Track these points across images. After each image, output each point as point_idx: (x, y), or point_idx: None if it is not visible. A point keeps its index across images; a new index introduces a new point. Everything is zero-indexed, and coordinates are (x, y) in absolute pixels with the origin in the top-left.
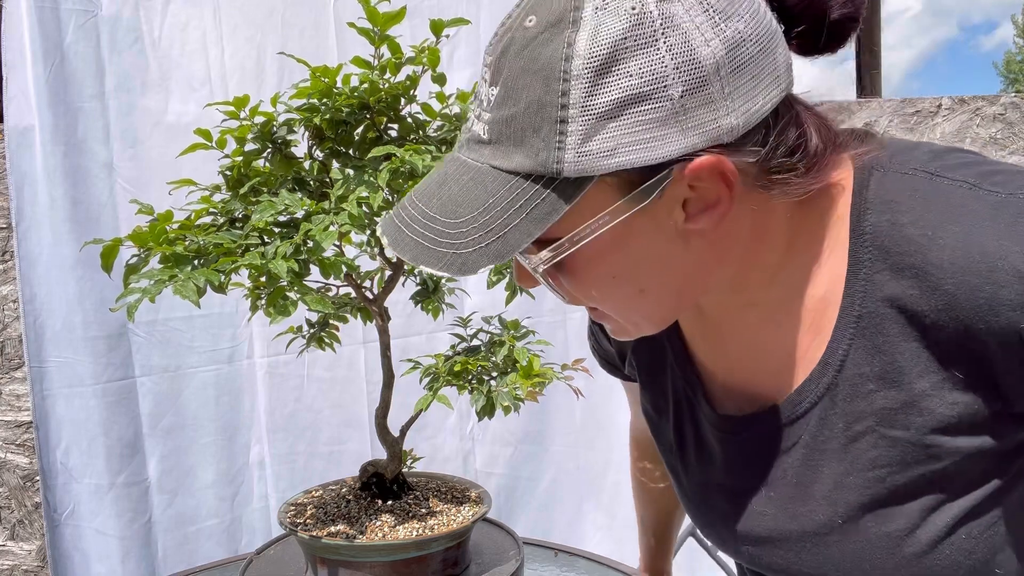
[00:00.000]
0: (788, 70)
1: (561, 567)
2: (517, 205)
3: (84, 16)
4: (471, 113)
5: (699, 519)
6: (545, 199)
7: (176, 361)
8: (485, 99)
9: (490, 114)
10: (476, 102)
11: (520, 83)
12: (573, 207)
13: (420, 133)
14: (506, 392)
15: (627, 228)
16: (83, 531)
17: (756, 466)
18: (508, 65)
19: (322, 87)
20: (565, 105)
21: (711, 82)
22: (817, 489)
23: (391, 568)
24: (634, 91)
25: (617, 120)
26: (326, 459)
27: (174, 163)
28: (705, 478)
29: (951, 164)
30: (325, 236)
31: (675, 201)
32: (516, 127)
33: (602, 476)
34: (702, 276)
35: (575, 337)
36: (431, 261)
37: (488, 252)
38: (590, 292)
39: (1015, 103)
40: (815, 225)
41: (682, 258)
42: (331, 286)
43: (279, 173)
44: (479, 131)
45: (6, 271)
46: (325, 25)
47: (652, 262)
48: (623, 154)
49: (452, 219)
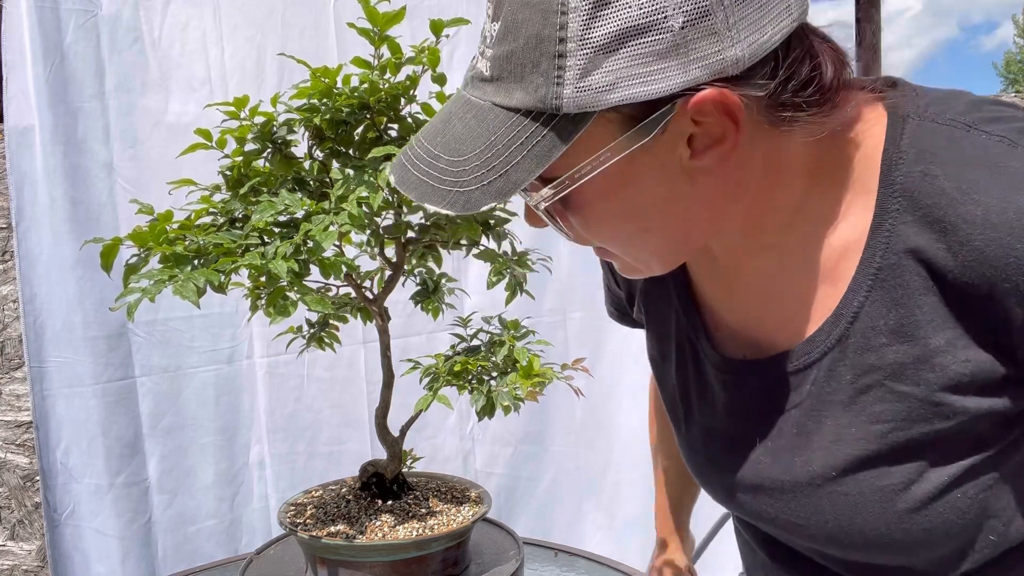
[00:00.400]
0: (803, 12)
1: (561, 567)
2: (518, 142)
3: (84, 16)
4: (477, 50)
5: (696, 467)
6: (545, 136)
7: (176, 361)
8: (488, 35)
9: (492, 50)
10: (481, 39)
11: (520, 17)
12: (574, 144)
13: None
14: (506, 392)
15: (630, 165)
16: (83, 531)
17: (757, 413)
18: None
19: (322, 87)
20: (563, 39)
21: (714, 12)
22: (816, 440)
23: (391, 568)
24: (633, 23)
25: (616, 54)
26: (326, 459)
27: (174, 163)
28: (705, 424)
29: (989, 117)
30: (325, 236)
31: (679, 137)
32: (516, 63)
33: (602, 476)
34: (711, 215)
35: (575, 337)
36: (435, 199)
37: (490, 190)
38: (595, 230)
39: (1015, 103)
40: (839, 169)
41: (688, 196)
42: (331, 286)
43: (279, 173)
44: (482, 68)
45: (6, 271)
46: (325, 25)
47: (657, 200)
48: (623, 89)
49: (455, 157)
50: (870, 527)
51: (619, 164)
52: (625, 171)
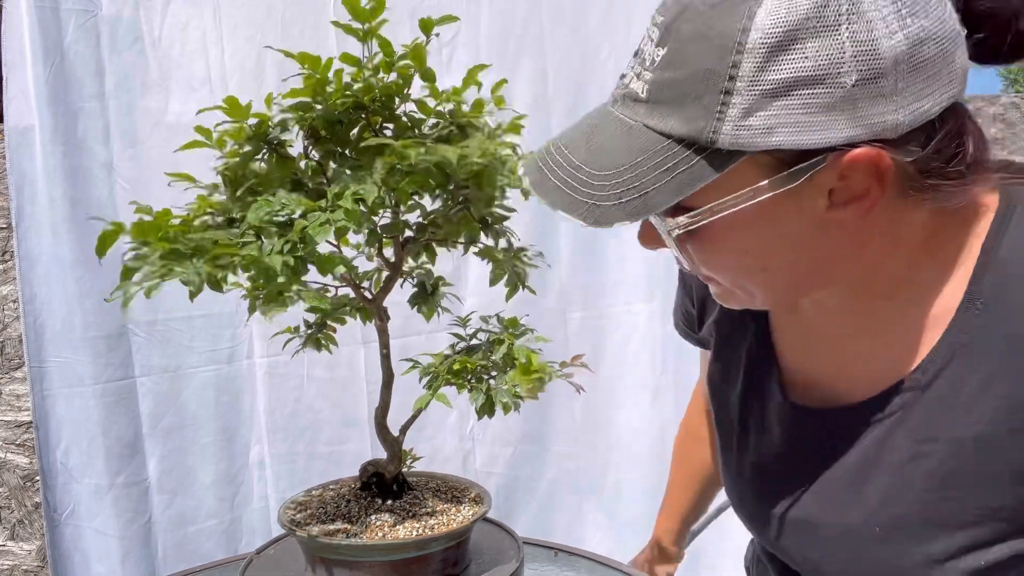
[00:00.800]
0: (963, 76)
1: (561, 567)
2: (664, 167)
3: (84, 16)
4: (629, 70)
5: (737, 492)
6: (693, 166)
7: (176, 361)
8: (649, 58)
9: (652, 74)
10: (638, 60)
11: (691, 48)
12: (719, 178)
13: (416, 132)
14: (505, 390)
15: (768, 207)
16: (83, 531)
17: (813, 458)
18: (681, 28)
19: (313, 82)
20: (733, 77)
21: (887, 75)
22: (866, 496)
23: (391, 568)
24: (807, 73)
25: (783, 99)
26: (326, 459)
27: (174, 163)
28: (757, 456)
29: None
30: (319, 230)
31: (822, 188)
32: (678, 91)
33: (602, 476)
34: (829, 267)
35: (575, 336)
36: (570, 208)
37: (626, 208)
38: (715, 261)
39: (1015, 103)
40: (944, 247)
41: (815, 245)
42: (330, 287)
43: (276, 174)
44: (637, 89)
45: (6, 271)
46: (325, 25)
47: (785, 244)
48: (782, 134)
49: (596, 170)
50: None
51: (758, 204)
52: (761, 212)
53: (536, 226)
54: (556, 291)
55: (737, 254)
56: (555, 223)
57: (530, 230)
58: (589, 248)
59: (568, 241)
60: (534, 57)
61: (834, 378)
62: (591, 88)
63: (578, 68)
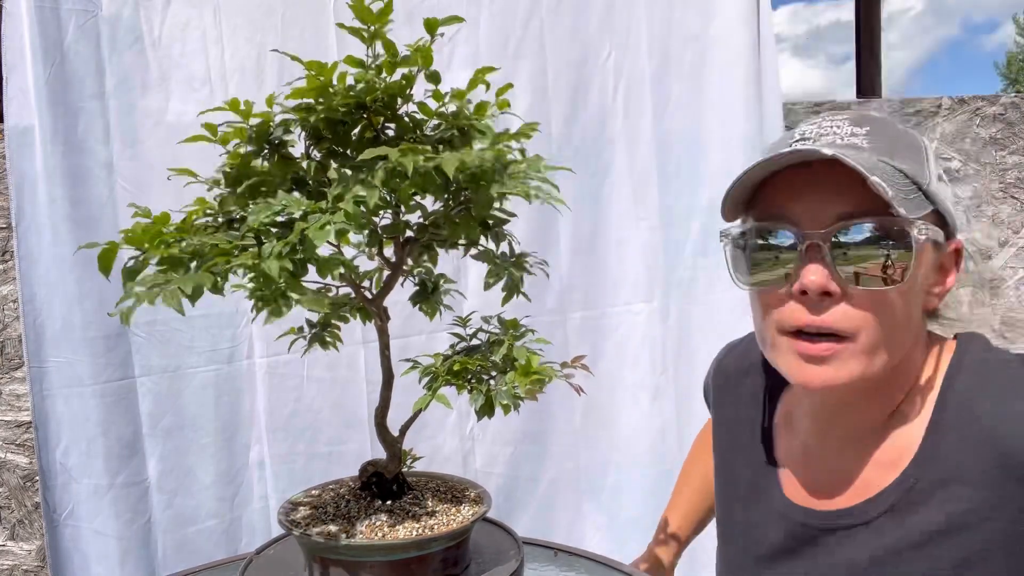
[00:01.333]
0: None
1: (561, 567)
2: (905, 188)
3: (84, 16)
4: (823, 136)
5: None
6: (915, 196)
7: (176, 361)
8: (850, 132)
9: (867, 138)
10: (823, 130)
11: (884, 126)
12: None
13: (417, 133)
14: (505, 391)
15: (923, 261)
16: (82, 531)
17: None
18: (872, 121)
19: (317, 85)
20: (925, 156)
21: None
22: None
23: (391, 568)
24: (942, 175)
25: (942, 184)
26: (326, 459)
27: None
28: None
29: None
30: (319, 234)
31: (938, 264)
32: (896, 145)
33: (602, 476)
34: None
35: (575, 337)
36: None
37: (913, 202)
38: (882, 299)
39: (1015, 103)
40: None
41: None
42: (330, 287)
43: (277, 174)
44: (856, 141)
45: (6, 271)
46: (325, 25)
47: (913, 305)
48: (943, 204)
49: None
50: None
51: (924, 254)
52: (919, 264)
53: (537, 227)
54: (556, 291)
55: (899, 296)
56: (555, 225)
57: (531, 231)
58: (589, 249)
59: (568, 242)
60: (534, 57)
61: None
62: (591, 88)
63: (578, 68)
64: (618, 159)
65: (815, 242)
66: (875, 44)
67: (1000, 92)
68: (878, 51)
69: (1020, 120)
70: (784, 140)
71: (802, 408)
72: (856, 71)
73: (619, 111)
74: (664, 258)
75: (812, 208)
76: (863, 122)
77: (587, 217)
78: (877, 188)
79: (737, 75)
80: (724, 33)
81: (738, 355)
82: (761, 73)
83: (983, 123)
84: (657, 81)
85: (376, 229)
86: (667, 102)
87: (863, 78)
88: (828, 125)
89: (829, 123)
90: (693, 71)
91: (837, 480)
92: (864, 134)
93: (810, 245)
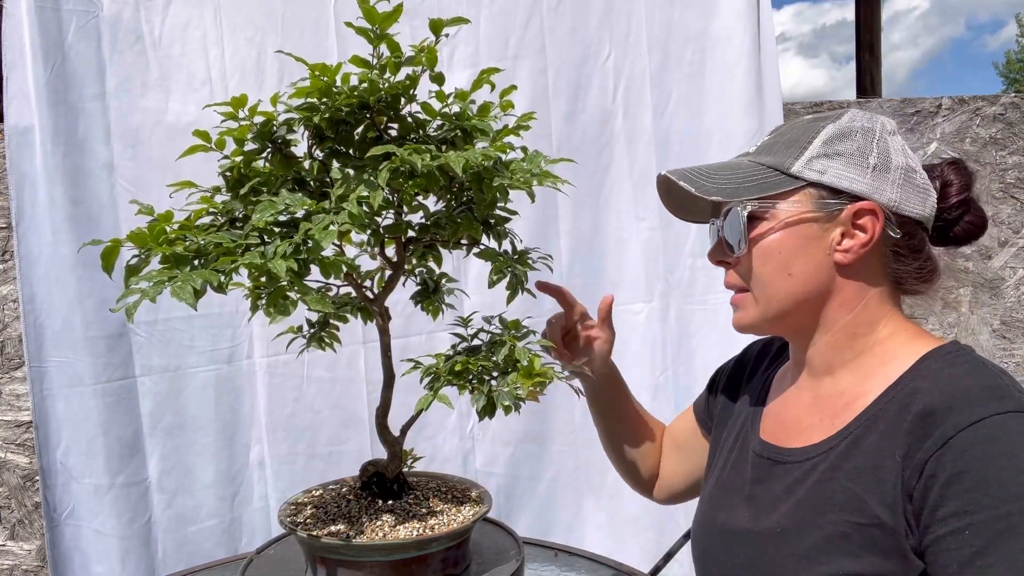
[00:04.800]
0: (930, 219)
1: (561, 567)
2: (755, 176)
3: (85, 16)
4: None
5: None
6: (772, 179)
7: (176, 361)
8: (761, 139)
9: (761, 141)
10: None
11: (787, 130)
12: (784, 193)
13: (420, 132)
14: (507, 392)
15: (807, 226)
16: (83, 531)
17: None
18: (785, 124)
19: (321, 86)
20: (807, 144)
21: (892, 170)
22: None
23: (391, 568)
24: (849, 151)
25: (833, 160)
26: (326, 459)
27: (174, 163)
28: (719, 475)
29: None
30: (324, 235)
31: (837, 225)
32: (773, 147)
33: (602, 476)
34: (821, 300)
35: None
36: (688, 181)
37: (723, 190)
38: (759, 257)
39: (1015, 103)
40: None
41: (820, 272)
42: (331, 286)
43: (279, 173)
44: (750, 149)
45: (6, 271)
46: (325, 25)
47: (806, 259)
48: (828, 177)
49: (714, 172)
50: None
51: (801, 220)
52: (800, 228)
53: (536, 227)
54: None
55: (777, 252)
56: (556, 225)
57: (531, 231)
58: (589, 248)
59: (568, 242)
60: (534, 57)
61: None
62: (591, 88)
63: (578, 68)
64: (618, 158)
65: (712, 228)
66: (875, 43)
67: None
68: (878, 50)
69: (1020, 120)
70: None
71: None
72: (856, 70)
73: (619, 110)
74: (664, 258)
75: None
76: (785, 129)
77: (587, 217)
78: (683, 188)
79: (737, 75)
80: (724, 33)
81: (764, 341)
82: (761, 73)
83: (983, 123)
84: (657, 80)
85: (378, 229)
86: (667, 101)
87: (863, 77)
88: (776, 128)
89: (778, 126)
90: (693, 71)
91: (792, 423)
92: (769, 136)
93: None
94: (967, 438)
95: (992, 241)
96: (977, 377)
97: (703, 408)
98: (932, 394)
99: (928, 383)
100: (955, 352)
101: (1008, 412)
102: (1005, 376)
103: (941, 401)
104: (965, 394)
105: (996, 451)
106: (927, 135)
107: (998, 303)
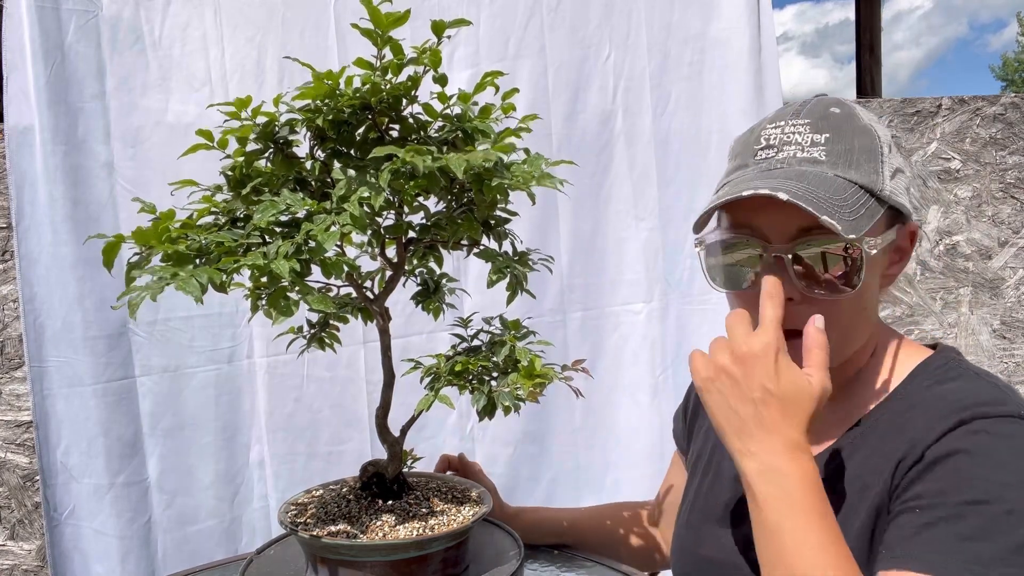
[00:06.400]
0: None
1: (561, 567)
2: (859, 201)
3: (85, 16)
4: (785, 146)
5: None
6: (870, 204)
7: (176, 361)
8: (807, 140)
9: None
10: (785, 141)
11: (845, 128)
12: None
13: (422, 134)
14: (507, 392)
15: (879, 255)
16: (83, 531)
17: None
18: (832, 120)
19: (326, 90)
20: (879, 158)
21: (914, 179)
22: None
23: (391, 568)
24: (896, 165)
25: (895, 178)
26: (326, 459)
27: (174, 163)
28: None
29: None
30: (327, 236)
31: (889, 249)
32: (850, 155)
33: (602, 476)
34: (865, 332)
35: (575, 337)
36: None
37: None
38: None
39: (1015, 103)
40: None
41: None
42: (332, 286)
43: (281, 173)
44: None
45: (6, 271)
46: (325, 25)
47: (872, 289)
48: (902, 198)
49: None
50: None
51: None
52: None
53: (536, 227)
54: (556, 292)
55: (868, 288)
56: (556, 225)
57: (531, 231)
58: (588, 249)
59: (568, 242)
60: (534, 57)
61: None
62: (591, 88)
63: (578, 68)
64: (618, 159)
65: (779, 254)
66: (875, 43)
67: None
68: (878, 50)
69: (1020, 120)
70: (749, 144)
71: None
72: (856, 70)
73: (619, 111)
74: (663, 258)
75: (776, 222)
76: (823, 127)
77: (587, 217)
78: (827, 224)
79: (737, 75)
80: (724, 33)
81: None
82: (761, 72)
83: (983, 123)
84: (657, 81)
85: (379, 230)
86: (667, 102)
87: (863, 77)
88: (791, 131)
89: (792, 128)
90: (693, 71)
91: None
92: (823, 143)
93: (775, 256)
94: (952, 440)
95: (992, 241)
96: (972, 394)
97: (681, 434)
98: (927, 416)
99: (919, 410)
100: (944, 365)
101: (1002, 416)
102: (1000, 384)
103: (935, 428)
104: (959, 413)
105: (979, 448)
106: (927, 135)
107: (998, 303)
